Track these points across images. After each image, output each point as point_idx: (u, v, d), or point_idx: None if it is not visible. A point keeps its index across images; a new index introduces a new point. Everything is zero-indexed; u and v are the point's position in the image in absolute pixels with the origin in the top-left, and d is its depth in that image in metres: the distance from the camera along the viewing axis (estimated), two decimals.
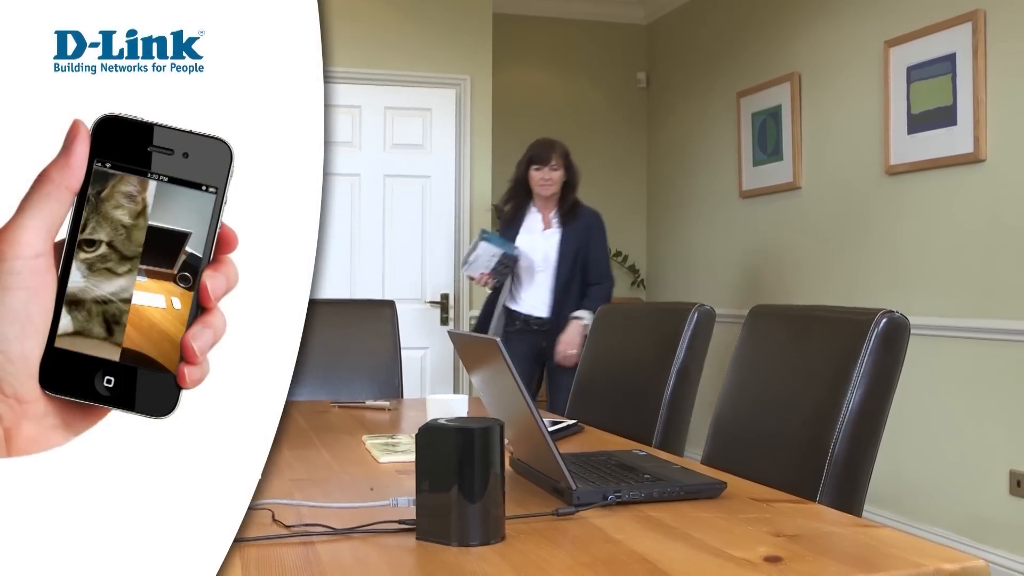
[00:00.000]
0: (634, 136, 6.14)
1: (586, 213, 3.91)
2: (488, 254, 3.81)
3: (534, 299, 3.89)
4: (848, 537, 1.25)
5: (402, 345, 3.80)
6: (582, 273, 3.84)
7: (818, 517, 1.37)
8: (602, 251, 3.92)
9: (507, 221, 4.00)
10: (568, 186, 3.90)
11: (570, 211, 3.88)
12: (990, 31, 3.45)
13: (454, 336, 1.66)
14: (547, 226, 3.91)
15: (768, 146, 4.78)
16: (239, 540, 1.23)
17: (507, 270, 3.82)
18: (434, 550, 1.19)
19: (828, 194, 4.35)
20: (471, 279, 3.97)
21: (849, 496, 1.53)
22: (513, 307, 3.91)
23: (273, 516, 1.36)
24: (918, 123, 3.78)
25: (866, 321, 1.55)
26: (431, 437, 1.24)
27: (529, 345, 3.87)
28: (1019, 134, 3.35)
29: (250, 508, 1.41)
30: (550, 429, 2.11)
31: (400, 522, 1.28)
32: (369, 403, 2.69)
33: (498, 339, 1.42)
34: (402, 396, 3.18)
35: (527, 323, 3.89)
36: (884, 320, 1.55)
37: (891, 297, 3.92)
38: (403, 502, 1.30)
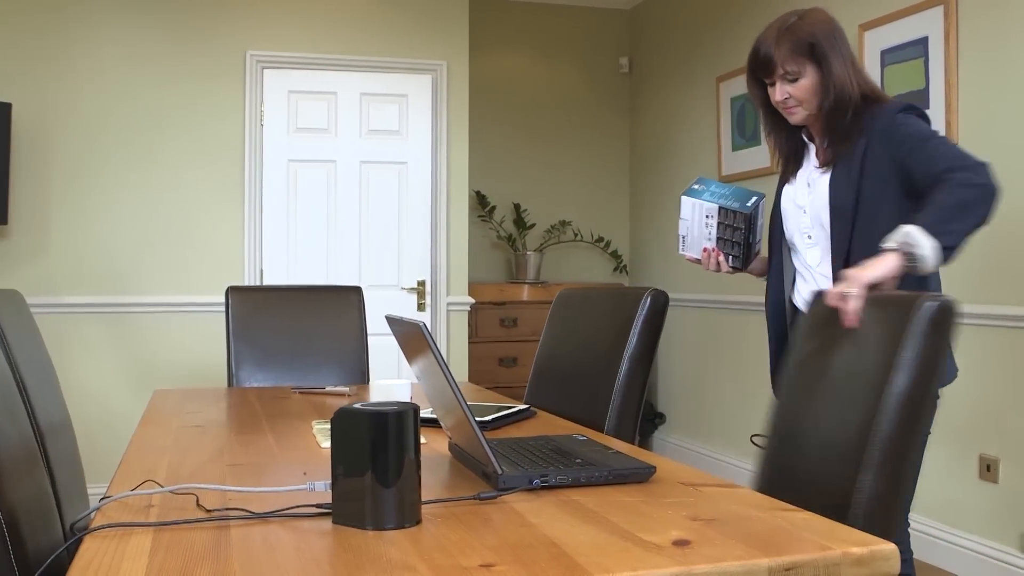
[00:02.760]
0: (616, 122, 6.13)
1: (878, 117, 2.13)
2: (697, 215, 2.33)
3: (808, 286, 2.28)
4: (764, 521, 1.25)
5: (378, 331, 3.80)
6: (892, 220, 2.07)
7: (741, 501, 1.36)
8: (928, 149, 2.07)
9: (785, 170, 2.37)
10: (830, 91, 2.15)
11: (844, 131, 2.17)
12: (961, 14, 3.44)
13: (390, 321, 1.65)
14: (822, 163, 2.24)
15: (747, 131, 4.76)
16: (159, 524, 1.23)
17: (742, 235, 2.28)
18: (347, 534, 1.19)
19: None
20: (696, 263, 2.39)
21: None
22: (797, 302, 2.33)
23: (197, 500, 1.37)
24: None
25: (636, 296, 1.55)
26: (345, 421, 1.23)
27: None
28: (990, 117, 3.34)
29: (173, 492, 1.41)
30: (501, 414, 2.11)
31: (318, 506, 1.29)
32: (329, 389, 2.69)
33: (422, 324, 1.42)
34: (368, 381, 3.18)
35: None
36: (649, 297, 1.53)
37: None
38: (320, 486, 1.30)
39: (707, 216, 2.31)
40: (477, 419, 2.01)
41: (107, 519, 1.27)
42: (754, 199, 2.28)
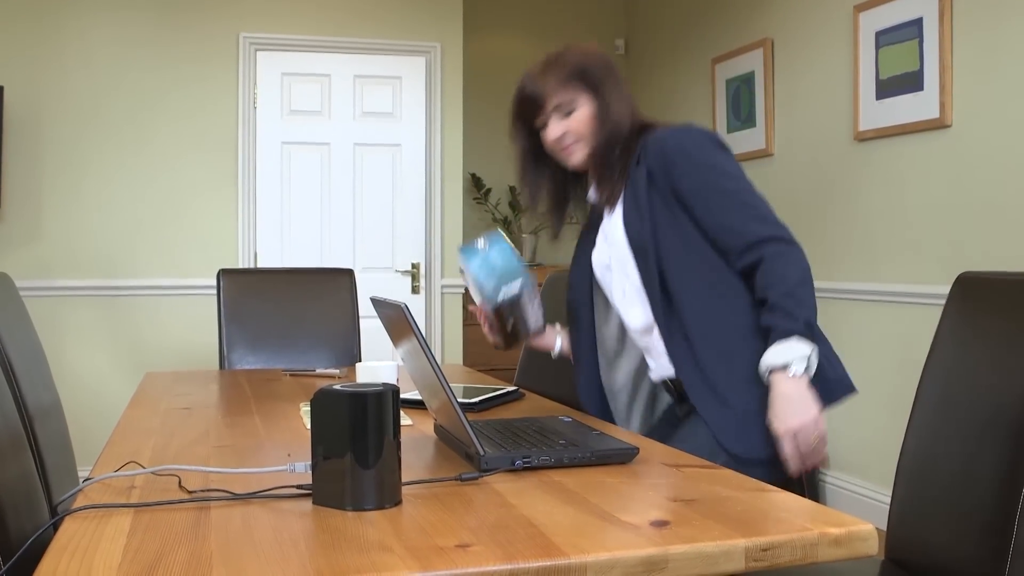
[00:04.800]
0: None
1: (656, 143, 1.85)
2: (472, 285, 2.03)
3: (649, 348, 1.94)
4: (744, 501, 1.25)
5: (371, 314, 3.80)
6: (701, 262, 1.82)
7: (723, 482, 1.36)
8: (723, 189, 1.80)
9: (582, 228, 2.11)
10: (607, 122, 1.90)
11: (618, 162, 1.91)
12: None
13: (375, 303, 1.64)
14: (610, 205, 1.94)
15: (742, 113, 4.75)
16: (139, 504, 1.24)
17: (512, 312, 2.01)
18: (326, 514, 1.19)
19: (799, 160, 4.33)
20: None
21: None
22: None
23: (179, 482, 1.37)
24: (886, 89, 3.75)
25: None
26: (325, 403, 1.23)
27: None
28: (984, 99, 3.33)
29: (156, 474, 1.41)
30: (488, 396, 2.11)
31: (298, 487, 1.29)
32: (320, 371, 2.69)
33: (404, 305, 1.41)
34: None
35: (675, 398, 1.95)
36: None
37: (859, 263, 3.92)
38: (300, 467, 1.30)
39: (476, 289, 2.01)
40: (464, 401, 2.02)
41: (89, 501, 1.27)
42: (513, 284, 1.95)
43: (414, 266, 4.76)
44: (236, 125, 4.58)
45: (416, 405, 2.04)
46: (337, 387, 1.24)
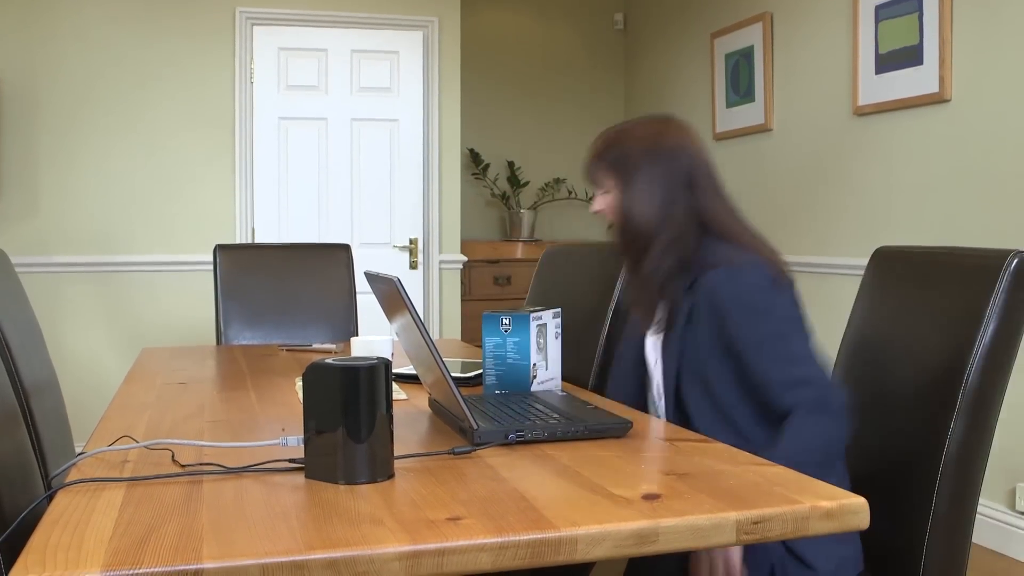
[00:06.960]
0: (611, 78, 6.07)
1: (710, 280, 1.67)
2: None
3: None
4: (737, 475, 1.25)
5: (368, 289, 3.80)
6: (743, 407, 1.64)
7: (717, 456, 1.36)
8: (763, 334, 1.61)
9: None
10: (633, 223, 1.77)
11: (669, 283, 1.73)
12: None
13: (368, 277, 1.64)
14: (644, 330, 1.84)
15: (741, 88, 4.72)
16: (132, 478, 1.23)
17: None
18: (318, 488, 1.19)
19: (798, 135, 4.31)
20: None
21: None
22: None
23: (173, 456, 1.37)
24: (885, 63, 3.73)
25: None
26: (317, 377, 1.23)
27: None
28: (984, 73, 3.31)
29: (148, 448, 1.41)
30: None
31: (290, 461, 1.29)
32: (316, 346, 2.69)
33: (396, 278, 1.41)
34: None
35: None
36: None
37: (858, 238, 3.91)
38: (292, 441, 1.30)
39: None
40: (460, 375, 2.02)
41: (83, 475, 1.27)
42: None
43: (412, 241, 4.75)
44: (232, 100, 4.56)
45: (411, 380, 2.04)
46: (329, 361, 1.24)
